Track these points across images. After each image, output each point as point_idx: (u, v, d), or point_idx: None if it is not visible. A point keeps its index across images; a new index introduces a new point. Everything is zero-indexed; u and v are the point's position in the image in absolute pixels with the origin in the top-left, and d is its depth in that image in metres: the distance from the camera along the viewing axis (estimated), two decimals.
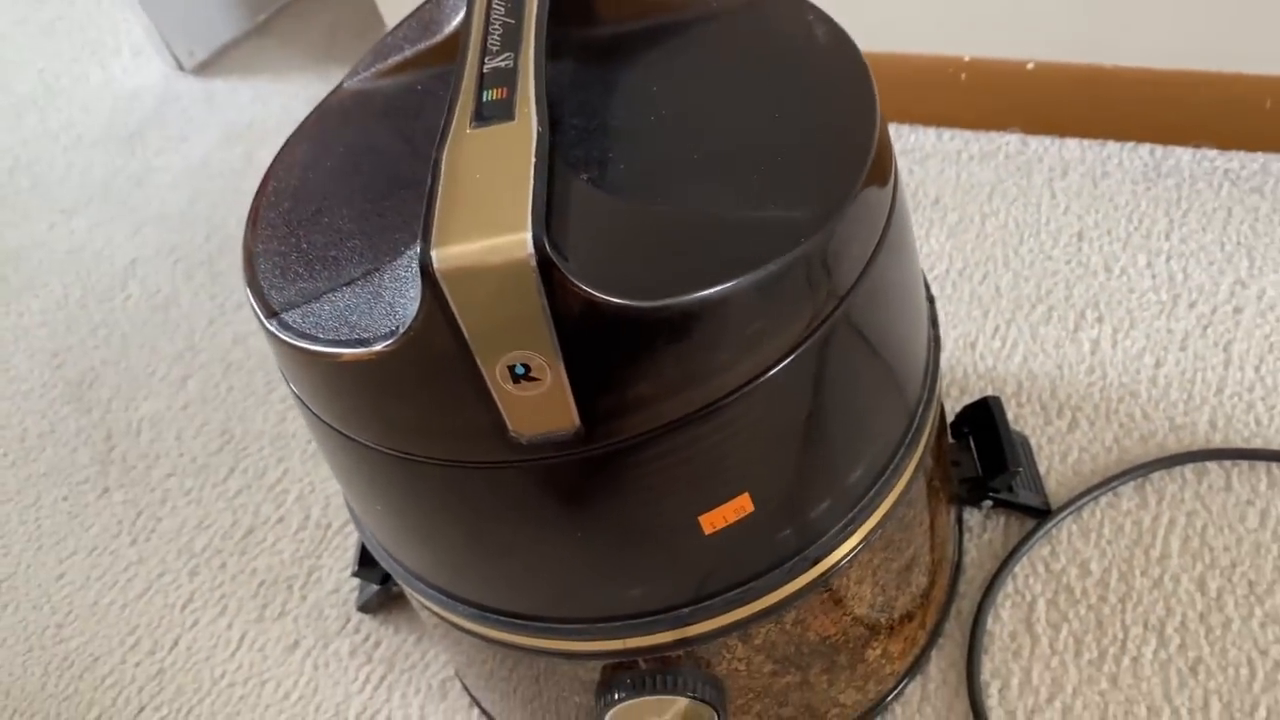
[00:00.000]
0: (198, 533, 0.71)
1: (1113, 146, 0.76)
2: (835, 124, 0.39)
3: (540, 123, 0.35)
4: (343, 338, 0.36)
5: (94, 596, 0.69)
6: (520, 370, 0.34)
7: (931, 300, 0.49)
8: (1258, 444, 0.57)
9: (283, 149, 0.47)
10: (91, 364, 0.86)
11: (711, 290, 0.34)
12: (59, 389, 0.84)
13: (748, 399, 0.37)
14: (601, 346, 0.34)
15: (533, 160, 0.34)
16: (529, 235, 0.32)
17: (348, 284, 0.38)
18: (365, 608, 0.63)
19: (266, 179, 0.46)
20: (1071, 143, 0.77)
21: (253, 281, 0.41)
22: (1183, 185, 0.72)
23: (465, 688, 0.58)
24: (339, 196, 0.42)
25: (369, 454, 0.39)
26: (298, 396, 0.41)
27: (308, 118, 0.48)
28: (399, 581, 0.47)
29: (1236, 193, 0.70)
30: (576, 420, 0.35)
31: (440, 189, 0.34)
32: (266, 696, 0.62)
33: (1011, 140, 0.78)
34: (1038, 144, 0.77)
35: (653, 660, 0.44)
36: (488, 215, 0.33)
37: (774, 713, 0.49)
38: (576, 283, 0.32)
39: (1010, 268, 0.70)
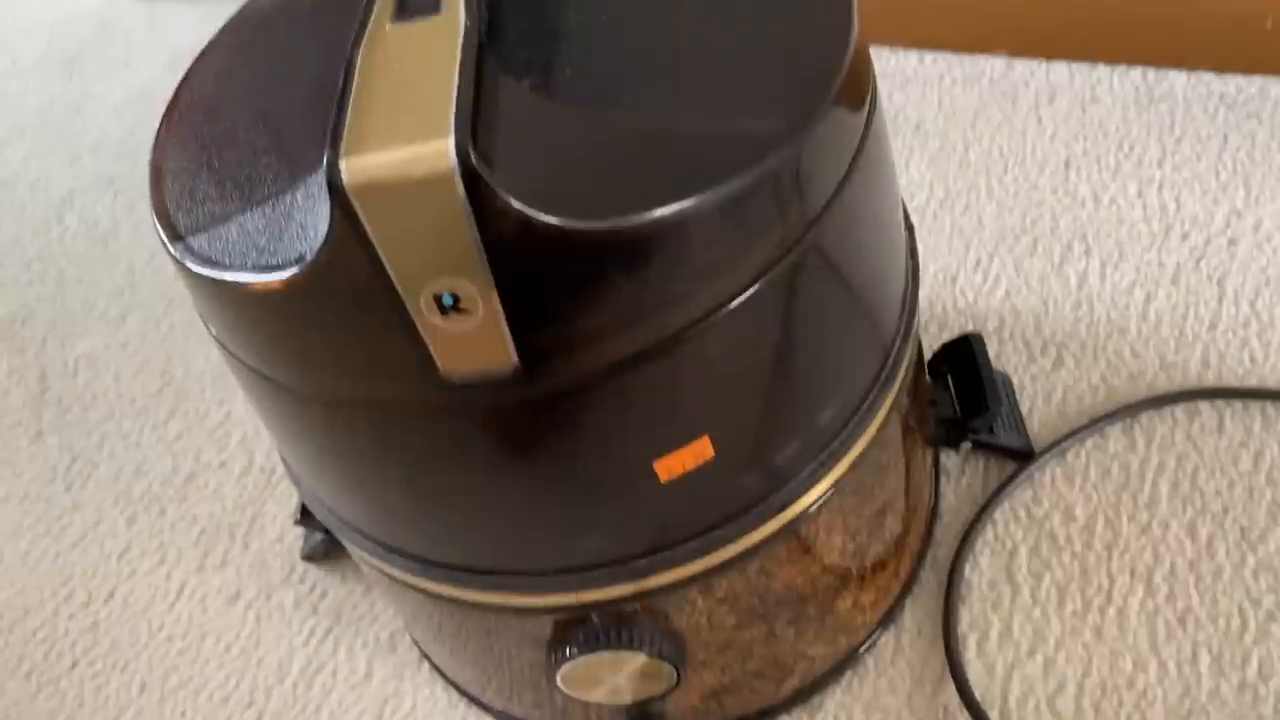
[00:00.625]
0: (136, 478, 0.67)
1: (1103, 70, 0.71)
2: (808, 28, 0.35)
3: (469, 15, 0.31)
4: (249, 264, 0.32)
5: (25, 546, 0.66)
6: (448, 301, 0.30)
7: (910, 229, 0.45)
8: (1252, 382, 0.54)
9: (198, 59, 0.43)
10: (25, 300, 0.81)
11: (667, 209, 0.30)
12: None
13: (707, 334, 0.33)
14: (540, 274, 0.30)
15: (458, 57, 0.29)
16: (451, 142, 0.28)
17: (259, 205, 0.34)
18: (310, 556, 0.59)
19: (179, 91, 0.42)
20: (1059, 66, 0.73)
21: (158, 203, 0.37)
22: (1176, 110, 0.68)
23: (415, 641, 0.55)
24: (256, 110, 0.38)
25: (289, 395, 0.35)
26: (210, 332, 0.37)
27: (225, 25, 0.44)
28: (335, 534, 0.44)
29: (1233, 118, 0.66)
30: (514, 358, 0.31)
31: (352, 93, 0.30)
32: (206, 650, 0.58)
33: (996, 63, 0.74)
34: (1024, 67, 0.73)
35: (607, 615, 0.41)
36: (404, 120, 0.28)
37: (737, 667, 0.46)
38: (508, 199, 0.28)
39: (994, 197, 0.66)
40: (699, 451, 0.36)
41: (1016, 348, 0.59)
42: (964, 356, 0.54)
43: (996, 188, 0.67)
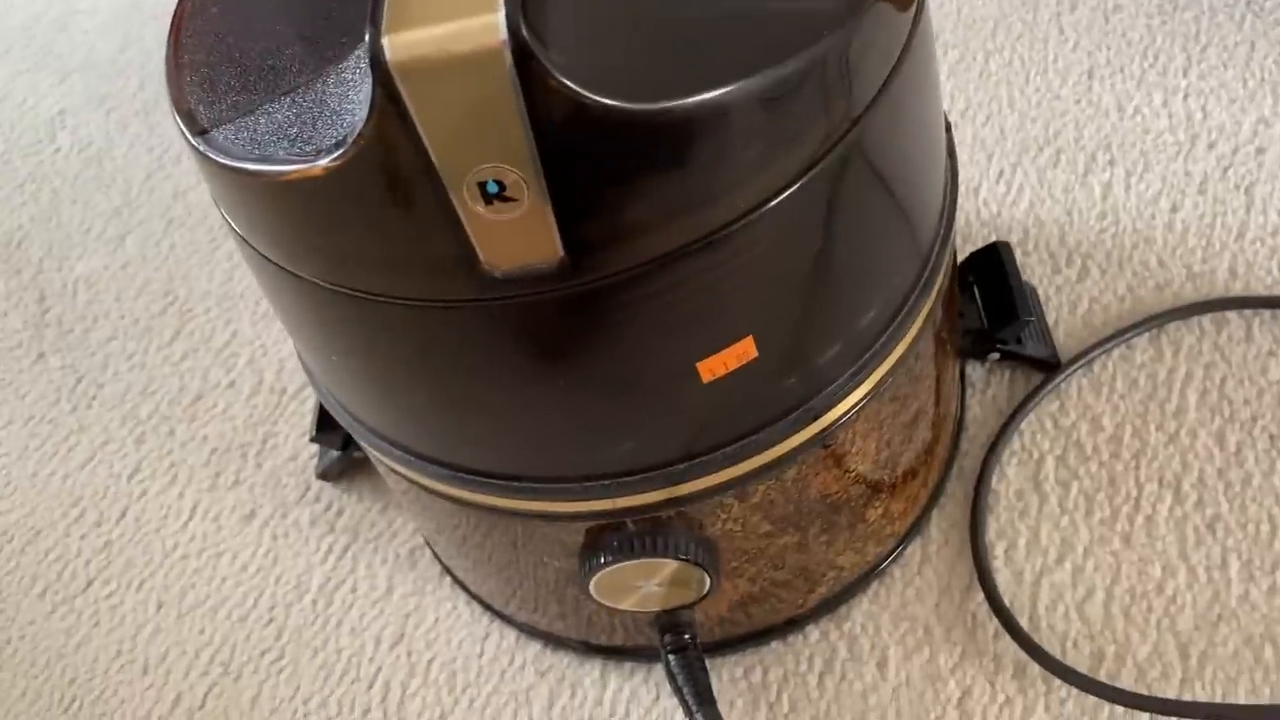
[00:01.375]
0: (143, 399, 0.66)
1: None
2: None
3: None
4: (282, 154, 0.31)
5: (33, 467, 0.65)
6: (493, 188, 0.29)
7: (949, 127, 0.44)
8: None
9: None
10: (19, 222, 0.79)
11: (723, 89, 0.28)
12: None
13: (755, 228, 0.32)
14: (590, 159, 0.29)
15: None
16: (501, 16, 0.26)
17: (287, 93, 0.32)
18: (325, 475, 0.59)
19: None
20: None
21: (177, 97, 0.35)
22: (1201, 18, 0.66)
23: (436, 555, 0.55)
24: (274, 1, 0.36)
25: (319, 294, 0.34)
26: (235, 230, 0.36)
27: None
28: (361, 442, 0.43)
29: (1260, 25, 0.65)
30: (560, 250, 0.30)
31: None
32: (223, 568, 0.58)
33: None
34: None
35: (642, 521, 0.40)
36: None
37: (767, 576, 0.45)
38: (560, 77, 0.27)
39: (1016, 108, 0.65)
40: (742, 352, 0.35)
41: (1041, 259, 0.58)
42: (991, 266, 0.53)
43: (1018, 98, 0.65)
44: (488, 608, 0.52)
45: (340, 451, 0.57)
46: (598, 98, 0.28)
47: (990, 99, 0.66)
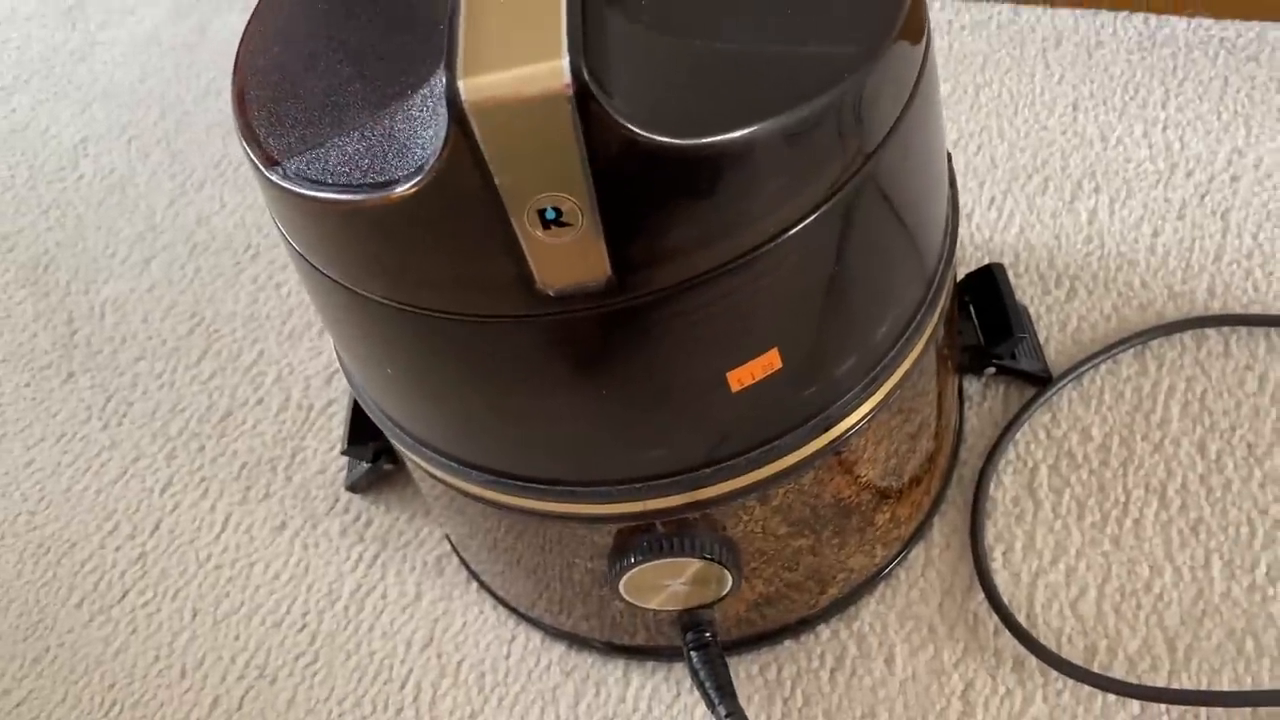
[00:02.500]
0: (172, 416, 0.69)
1: (1106, 15, 0.74)
2: None
3: None
4: (354, 184, 0.34)
5: (66, 483, 0.67)
6: (550, 214, 0.32)
7: (949, 157, 0.47)
8: (1256, 310, 0.57)
9: None
10: (45, 246, 0.82)
11: (763, 125, 0.32)
12: (11, 273, 0.80)
13: (783, 249, 0.35)
14: (638, 188, 0.32)
15: None
16: (565, 62, 0.30)
17: (355, 129, 0.36)
18: (354, 487, 0.61)
19: (250, 24, 0.43)
20: (1064, 12, 0.75)
21: (247, 129, 0.38)
22: (1178, 54, 0.70)
23: (463, 562, 0.57)
24: (333, 40, 0.40)
25: (383, 312, 0.37)
26: (301, 255, 0.39)
27: None
28: (405, 451, 0.46)
29: (1233, 61, 0.69)
30: (608, 269, 0.34)
31: (463, 14, 0.31)
32: (256, 577, 0.60)
33: (1003, 10, 0.76)
34: (1029, 14, 0.76)
35: (669, 523, 0.43)
36: (518, 42, 0.30)
37: (783, 577, 0.49)
38: (616, 116, 0.30)
39: (1005, 139, 0.69)
40: (768, 363, 0.38)
41: (1032, 280, 0.61)
42: (986, 286, 0.57)
43: (1007, 129, 0.69)
44: (514, 611, 0.55)
45: (370, 464, 0.60)
46: (649, 134, 0.31)
47: (981, 130, 0.70)
